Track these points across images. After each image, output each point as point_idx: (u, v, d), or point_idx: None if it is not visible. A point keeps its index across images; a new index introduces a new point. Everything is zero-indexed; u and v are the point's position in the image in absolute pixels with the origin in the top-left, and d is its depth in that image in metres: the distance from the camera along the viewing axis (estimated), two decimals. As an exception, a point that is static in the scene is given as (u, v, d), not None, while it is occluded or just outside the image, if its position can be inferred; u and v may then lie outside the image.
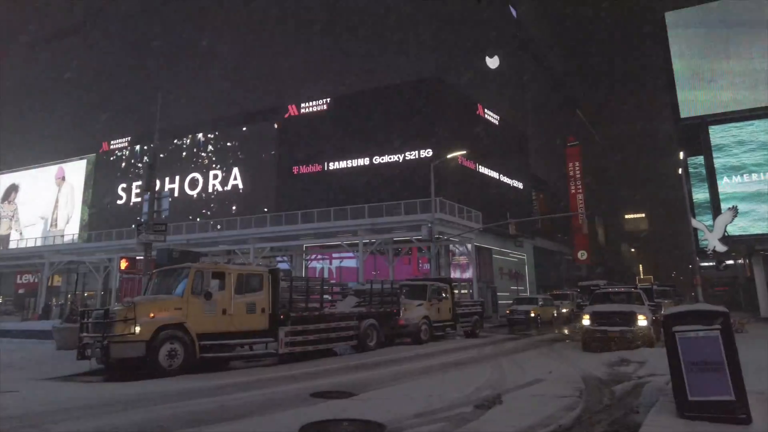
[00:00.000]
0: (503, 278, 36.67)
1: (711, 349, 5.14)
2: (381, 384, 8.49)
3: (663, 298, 20.85)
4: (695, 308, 5.63)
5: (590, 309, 13.57)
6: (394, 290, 15.44)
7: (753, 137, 25.37)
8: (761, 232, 24.45)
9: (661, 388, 7.06)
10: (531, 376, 8.85)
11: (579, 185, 53.85)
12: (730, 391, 5.01)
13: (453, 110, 33.19)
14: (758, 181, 24.85)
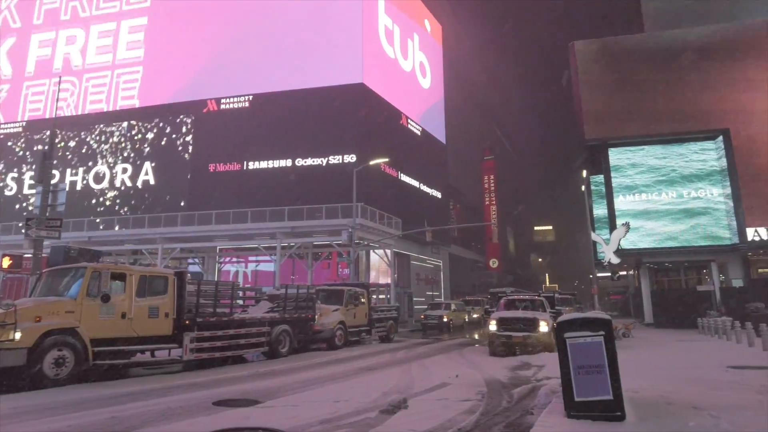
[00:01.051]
0: (420, 284, 37.56)
1: (595, 354, 5.58)
2: (289, 391, 8.33)
3: (564, 306, 22.40)
4: (583, 316, 6.09)
5: (497, 315, 14.25)
6: (310, 295, 15.25)
7: (644, 160, 28.12)
8: (648, 246, 27.13)
9: (555, 390, 7.55)
10: (438, 380, 9.11)
11: (493, 197, 56.62)
12: (609, 391, 5.47)
13: (378, 118, 33.56)
14: (647, 200, 27.57)
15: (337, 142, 31.53)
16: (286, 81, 32.93)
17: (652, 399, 6.92)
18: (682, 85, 28.65)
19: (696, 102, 28.04)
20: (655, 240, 27.09)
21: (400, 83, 38.13)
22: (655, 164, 28.03)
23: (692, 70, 28.62)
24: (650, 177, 27.89)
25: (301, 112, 32.37)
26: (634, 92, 29.07)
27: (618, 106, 29.00)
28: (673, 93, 28.54)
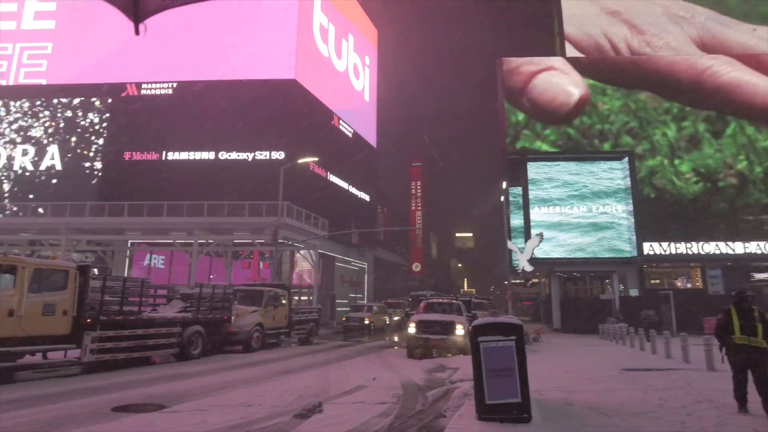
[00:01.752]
0: (344, 286, 37.47)
1: (506, 357, 5.81)
2: (199, 395, 7.92)
3: (480, 310, 23.25)
4: (496, 321, 6.33)
5: (416, 318, 14.49)
6: (227, 295, 14.67)
7: (559, 176, 30.00)
8: (559, 256, 28.95)
9: (468, 392, 7.80)
10: (355, 383, 9.08)
11: (419, 203, 57.85)
12: (518, 394, 5.71)
13: (309, 117, 33.11)
14: (560, 213, 29.43)
15: (264, 137, 30.73)
16: (215, 71, 31.62)
17: (556, 400, 7.34)
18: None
19: (605, 124, 30.35)
20: (566, 250, 28.94)
21: (333, 83, 37.93)
22: (569, 179, 29.96)
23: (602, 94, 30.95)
24: (564, 191, 29.76)
25: (229, 104, 31.23)
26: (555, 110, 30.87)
27: (538, 122, 30.69)
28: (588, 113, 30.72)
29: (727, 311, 6.50)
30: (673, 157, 29.77)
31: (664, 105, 30.39)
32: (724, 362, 6.53)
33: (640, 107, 30.52)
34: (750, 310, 6.33)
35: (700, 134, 29.91)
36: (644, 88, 30.63)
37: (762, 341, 6.11)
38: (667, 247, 28.25)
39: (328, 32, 37.46)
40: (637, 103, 30.59)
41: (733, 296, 6.62)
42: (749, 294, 6.49)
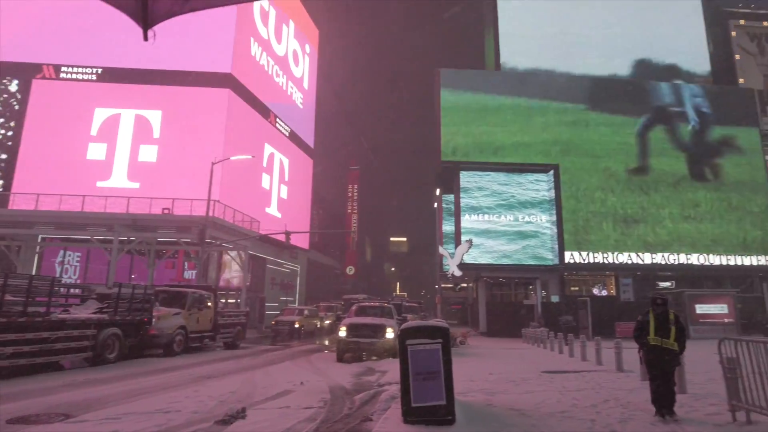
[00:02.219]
0: (274, 288, 36.66)
1: (433, 360, 5.92)
2: (112, 402, 7.42)
3: (411, 313, 23.59)
4: (424, 324, 6.44)
5: (347, 321, 14.44)
6: (148, 296, 13.88)
7: (489, 185, 31.19)
8: (486, 262, 30.04)
9: (395, 395, 7.86)
10: (281, 388, 8.89)
11: (355, 206, 57.90)
12: (443, 397, 5.83)
13: (245, 113, 32.19)
14: (489, 221, 30.58)
15: (197, 134, 29.47)
16: (148, 58, 29.80)
17: (479, 402, 7.57)
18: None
19: (535, 137, 31.91)
20: (493, 257, 30.07)
21: (272, 71, 37.10)
22: (498, 189, 31.20)
23: (536, 112, 32.54)
24: (493, 200, 30.95)
25: (159, 93, 29.66)
26: (487, 122, 32.02)
27: (473, 132, 31.69)
28: (521, 126, 32.14)
29: (645, 313, 6.66)
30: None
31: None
32: (641, 364, 6.71)
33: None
34: (666, 313, 6.49)
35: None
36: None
37: (673, 343, 6.30)
38: (586, 256, 30.13)
39: (269, 15, 36.77)
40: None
41: (651, 299, 6.76)
42: (665, 297, 6.68)
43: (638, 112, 33.12)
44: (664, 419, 6.28)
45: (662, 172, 32.13)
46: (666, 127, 33.02)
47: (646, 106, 33.38)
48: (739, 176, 32.66)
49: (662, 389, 6.37)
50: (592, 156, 31.89)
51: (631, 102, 33.32)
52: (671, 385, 6.40)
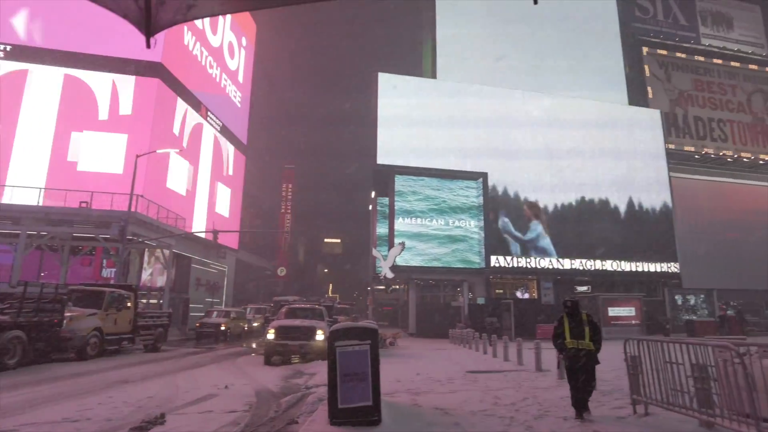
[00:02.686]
0: (200, 289, 35.23)
1: (361, 362, 5.97)
2: (10, 412, 6.81)
3: (342, 315, 23.60)
4: (353, 325, 6.47)
5: (276, 323, 14.19)
6: (59, 296, 12.89)
7: (422, 190, 31.89)
8: (418, 264, 30.67)
9: (323, 397, 7.81)
10: (205, 392, 8.58)
11: (289, 206, 56.97)
12: (369, 398, 5.89)
13: (174, 105, 30.69)
14: (421, 225, 31.25)
15: (120, 122, 27.71)
16: (67, 40, 27.60)
17: (405, 402, 7.72)
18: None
19: (466, 145, 33.00)
20: (424, 259, 30.73)
21: (205, 62, 35.68)
22: (431, 194, 31.94)
23: (471, 123, 33.66)
24: (426, 205, 31.65)
25: (78, 79, 27.59)
26: (423, 127, 32.70)
27: (409, 137, 32.22)
28: (455, 134, 33.09)
29: (560, 318, 6.80)
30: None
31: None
32: (561, 367, 6.89)
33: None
34: (578, 314, 6.66)
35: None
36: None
37: (589, 343, 6.46)
38: (511, 260, 31.54)
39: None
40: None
41: (562, 304, 6.96)
42: (576, 300, 6.88)
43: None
44: (583, 419, 6.40)
45: (582, 183, 34.34)
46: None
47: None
48: (647, 196, 35.59)
49: (583, 389, 6.47)
50: (517, 162, 33.44)
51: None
52: (592, 385, 6.52)
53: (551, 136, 34.88)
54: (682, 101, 41.10)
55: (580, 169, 34.84)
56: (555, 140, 34.76)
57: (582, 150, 35.14)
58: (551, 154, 34.60)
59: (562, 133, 35.04)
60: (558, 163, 34.58)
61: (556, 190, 34.20)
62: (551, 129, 34.94)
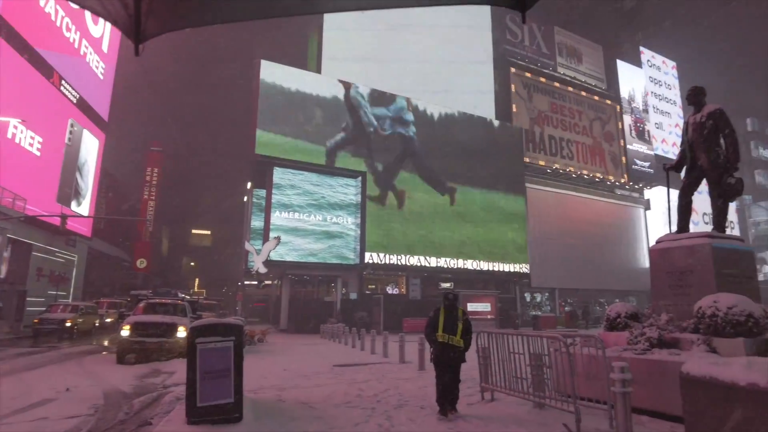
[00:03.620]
0: (41, 281, 30.96)
1: (223, 358, 5.80)
2: None
3: (208, 311, 22.44)
4: (216, 322, 6.27)
5: (132, 319, 13.09)
6: None
7: (302, 184, 31.58)
8: (293, 259, 30.32)
9: (181, 396, 7.42)
10: (40, 397, 7.63)
11: (153, 192, 52.56)
12: (231, 395, 5.75)
13: (17, 68, 26.48)
14: (298, 219, 30.94)
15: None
16: None
17: (270, 398, 7.66)
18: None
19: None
20: (300, 255, 30.49)
21: (61, 23, 31.32)
22: (310, 189, 31.79)
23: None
24: (305, 199, 31.43)
25: None
26: (304, 120, 32.35)
27: (288, 130, 31.63)
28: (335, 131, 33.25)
29: (437, 310, 6.59)
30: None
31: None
32: (431, 361, 6.66)
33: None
34: (454, 309, 6.52)
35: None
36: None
37: (460, 340, 6.34)
38: (384, 257, 32.66)
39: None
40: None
41: (443, 295, 6.74)
42: (457, 294, 6.79)
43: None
44: (447, 417, 6.24)
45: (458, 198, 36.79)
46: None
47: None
48: (506, 202, 39.31)
49: (449, 387, 6.38)
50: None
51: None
52: (457, 383, 6.44)
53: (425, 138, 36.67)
54: (540, 120, 46.03)
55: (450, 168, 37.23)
56: (426, 141, 36.63)
57: (447, 152, 37.37)
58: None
59: (435, 137, 37.08)
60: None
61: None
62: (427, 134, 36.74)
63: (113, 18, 3.06)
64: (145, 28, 3.05)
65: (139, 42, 3.10)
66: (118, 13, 3.01)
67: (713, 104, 7.80)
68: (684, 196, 7.97)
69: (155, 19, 3.04)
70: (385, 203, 33.96)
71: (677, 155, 8.28)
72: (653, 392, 5.83)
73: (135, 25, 3.03)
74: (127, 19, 3.02)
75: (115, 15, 3.03)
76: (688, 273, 7.04)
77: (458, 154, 37.51)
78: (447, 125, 38.32)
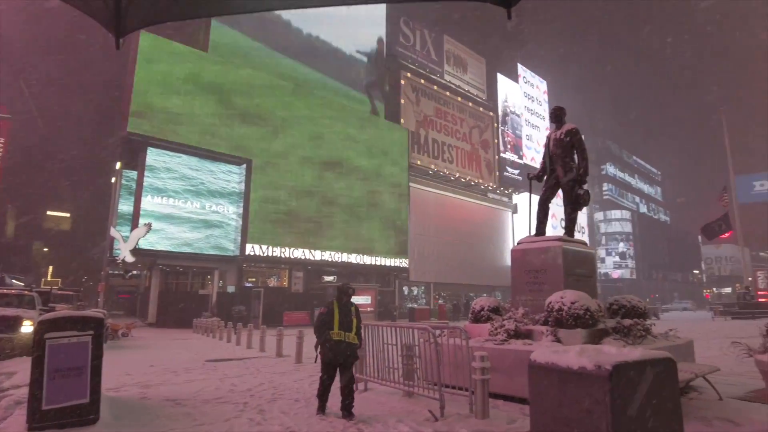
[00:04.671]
0: None
1: (79, 355, 5.28)
2: None
3: (65, 303, 20.08)
4: (70, 314, 5.71)
5: (-38, 312, 11.29)
6: None
7: (179, 168, 29.39)
8: (165, 249, 28.18)
9: (22, 400, 6.60)
10: None
11: (-3, 165, 45.59)
12: (86, 395, 5.26)
13: None
14: (173, 206, 28.81)
15: None
16: None
17: (133, 396, 7.13)
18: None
19: (233, 129, 31.85)
20: (173, 244, 28.52)
21: None
22: (188, 173, 29.82)
23: (239, 106, 32.55)
24: (181, 184, 29.42)
25: None
26: (187, 98, 30.13)
27: (171, 108, 29.28)
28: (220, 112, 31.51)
29: (330, 305, 6.16)
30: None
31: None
32: (317, 361, 6.15)
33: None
34: (349, 305, 6.19)
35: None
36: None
37: (354, 336, 6.04)
38: (266, 249, 31.84)
39: None
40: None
41: (339, 289, 6.31)
42: (350, 287, 6.32)
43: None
44: (325, 415, 5.94)
45: (339, 190, 36.99)
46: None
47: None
48: (390, 201, 40.58)
49: (344, 389, 5.92)
50: (283, 157, 33.97)
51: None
52: (352, 383, 6.00)
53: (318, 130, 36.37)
54: (426, 124, 48.18)
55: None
56: (319, 133, 36.43)
57: (344, 156, 37.71)
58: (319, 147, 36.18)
59: (329, 131, 37.01)
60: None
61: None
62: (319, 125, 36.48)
63: (92, 11, 3.08)
64: (125, 21, 3.11)
65: (120, 35, 3.14)
66: (98, 6, 3.04)
67: (571, 123, 8.83)
68: (542, 203, 8.93)
69: (135, 13, 3.10)
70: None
71: (540, 166, 9.24)
72: (509, 379, 6.47)
73: (115, 18, 3.07)
74: (106, 12, 3.05)
75: (94, 8, 3.06)
76: (542, 272, 7.91)
77: (345, 149, 37.87)
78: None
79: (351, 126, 38.91)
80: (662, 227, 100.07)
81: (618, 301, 7.84)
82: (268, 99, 33.94)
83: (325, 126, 36.82)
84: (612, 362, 3.59)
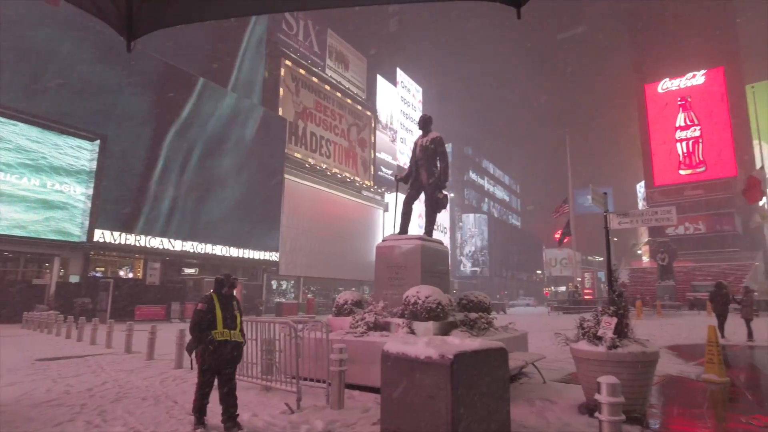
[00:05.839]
0: None
1: None
2: None
3: None
4: None
5: None
6: None
7: (14, 137, 25.27)
8: (-9, 231, 24.16)
9: None
10: None
11: None
12: None
13: None
14: (4, 181, 24.73)
15: None
16: None
17: (-66, 403, 6.07)
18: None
19: (84, 100, 28.29)
20: (2, 226, 24.59)
21: None
22: (26, 145, 25.92)
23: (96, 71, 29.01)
24: (16, 157, 25.49)
25: None
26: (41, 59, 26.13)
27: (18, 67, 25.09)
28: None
29: (209, 300, 5.16)
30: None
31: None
32: (194, 368, 5.19)
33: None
34: (231, 298, 5.33)
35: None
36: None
37: (239, 334, 5.27)
38: (119, 236, 28.96)
39: None
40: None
41: (218, 281, 5.32)
42: (233, 277, 5.41)
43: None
44: (206, 428, 5.02)
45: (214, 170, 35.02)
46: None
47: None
48: (263, 190, 39.53)
49: (225, 398, 5.08)
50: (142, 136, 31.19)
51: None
52: (234, 387, 5.16)
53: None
54: (305, 116, 47.70)
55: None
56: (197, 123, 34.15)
57: (217, 140, 35.79)
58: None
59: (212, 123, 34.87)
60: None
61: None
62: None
63: (105, 15, 3.09)
64: (137, 25, 3.13)
65: (131, 39, 3.15)
66: (110, 11, 3.07)
67: (436, 132, 9.48)
68: (407, 204, 9.46)
69: (146, 17, 3.11)
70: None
71: (407, 169, 9.78)
72: (366, 370, 6.77)
73: (127, 22, 3.10)
74: (118, 16, 3.08)
75: (106, 12, 3.08)
76: (403, 268, 8.40)
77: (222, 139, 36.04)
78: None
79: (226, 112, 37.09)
80: (513, 231, 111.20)
81: (467, 296, 8.65)
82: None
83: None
84: (454, 352, 4.01)
